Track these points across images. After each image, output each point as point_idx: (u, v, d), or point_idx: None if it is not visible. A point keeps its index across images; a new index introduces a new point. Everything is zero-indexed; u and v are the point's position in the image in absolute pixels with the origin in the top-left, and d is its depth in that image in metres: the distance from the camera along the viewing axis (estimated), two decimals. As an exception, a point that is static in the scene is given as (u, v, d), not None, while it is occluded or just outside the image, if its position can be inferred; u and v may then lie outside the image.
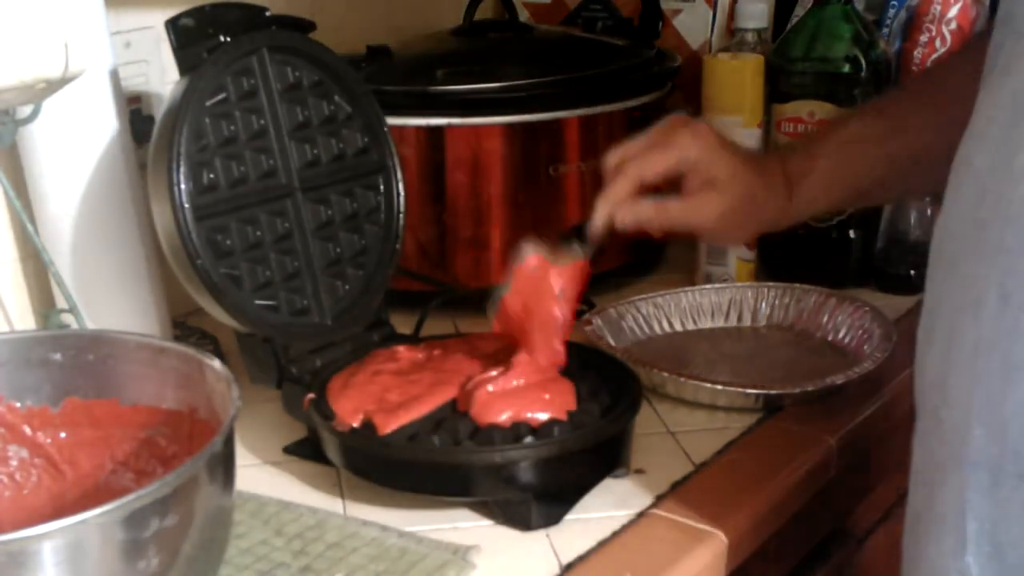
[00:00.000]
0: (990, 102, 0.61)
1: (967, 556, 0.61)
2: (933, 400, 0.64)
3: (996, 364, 0.58)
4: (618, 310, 1.04)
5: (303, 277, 0.88)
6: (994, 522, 0.60)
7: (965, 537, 0.61)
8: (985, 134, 0.61)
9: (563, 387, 0.80)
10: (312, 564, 0.71)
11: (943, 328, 0.63)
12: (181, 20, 0.82)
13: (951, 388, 0.62)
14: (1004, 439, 0.58)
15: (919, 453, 0.67)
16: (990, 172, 0.59)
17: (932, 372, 0.64)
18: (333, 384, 0.82)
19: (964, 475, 0.60)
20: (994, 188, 0.59)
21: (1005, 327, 0.58)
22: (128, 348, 0.74)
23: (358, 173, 0.92)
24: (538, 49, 1.18)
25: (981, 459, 0.60)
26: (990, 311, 0.58)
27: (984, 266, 0.59)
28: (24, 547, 0.53)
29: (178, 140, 0.80)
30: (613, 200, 0.82)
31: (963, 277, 0.61)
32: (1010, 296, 0.57)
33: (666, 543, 0.74)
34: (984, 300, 0.58)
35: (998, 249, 0.58)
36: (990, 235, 0.58)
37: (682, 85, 1.21)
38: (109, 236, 0.91)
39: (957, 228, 0.62)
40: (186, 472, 0.58)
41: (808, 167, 0.87)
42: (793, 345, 1.03)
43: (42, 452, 0.74)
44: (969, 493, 0.60)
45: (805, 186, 0.87)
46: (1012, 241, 0.57)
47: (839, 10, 1.11)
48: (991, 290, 0.58)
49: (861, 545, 1.01)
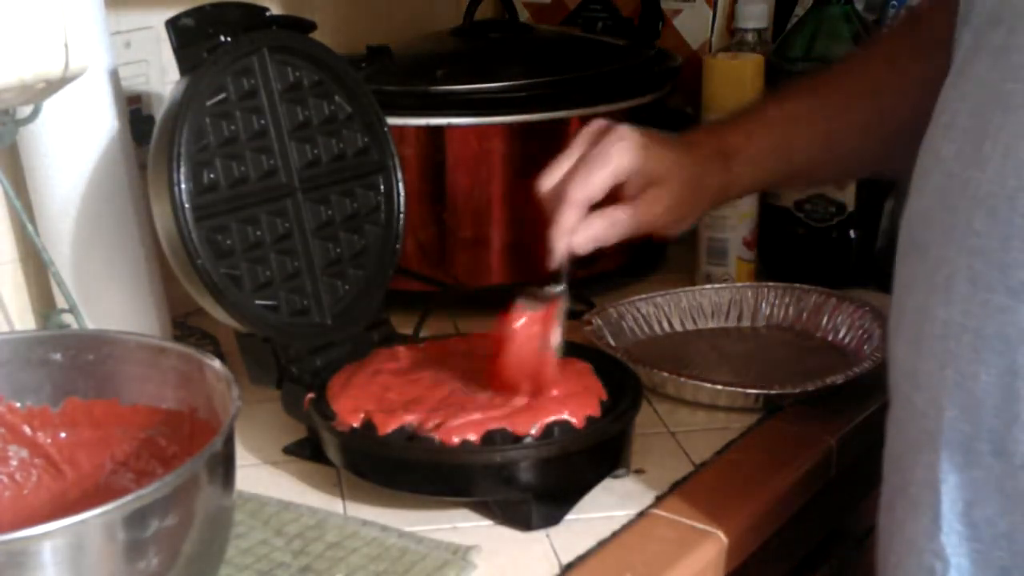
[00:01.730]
0: (955, 94, 0.63)
1: (941, 536, 0.62)
2: (904, 386, 0.65)
3: (967, 344, 0.59)
4: (618, 310, 1.04)
5: (303, 277, 0.88)
6: (968, 502, 0.61)
7: (939, 517, 0.62)
8: (952, 124, 0.62)
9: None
10: (312, 564, 0.71)
11: (912, 314, 0.64)
12: (181, 20, 0.82)
13: (921, 372, 0.63)
14: (977, 417, 0.59)
15: (892, 439, 0.68)
16: (957, 159, 0.61)
17: (902, 358, 0.66)
18: (333, 384, 0.82)
19: (938, 455, 0.62)
20: (962, 174, 0.60)
21: (975, 308, 0.59)
22: (128, 348, 0.74)
23: (358, 173, 0.92)
24: (538, 49, 1.18)
25: (954, 438, 0.61)
26: (960, 293, 0.60)
27: (953, 250, 0.60)
28: (24, 547, 0.53)
29: (178, 140, 0.80)
30: (567, 230, 0.79)
31: (932, 261, 0.62)
32: (979, 277, 0.59)
33: (666, 543, 0.74)
34: (954, 282, 0.60)
35: (967, 232, 0.59)
36: (958, 219, 0.60)
37: (682, 85, 1.21)
38: (109, 236, 0.91)
39: (926, 215, 0.64)
40: (186, 472, 0.58)
41: (743, 143, 0.87)
42: (793, 345, 1.03)
43: (42, 452, 0.74)
44: (943, 473, 0.61)
45: (741, 160, 0.87)
46: (980, 224, 0.59)
47: (839, 10, 1.11)
48: (960, 272, 0.59)
49: (861, 545, 1.01)
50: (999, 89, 0.59)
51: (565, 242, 0.79)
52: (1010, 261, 0.57)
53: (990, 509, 0.60)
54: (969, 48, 0.63)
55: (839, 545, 0.97)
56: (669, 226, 0.85)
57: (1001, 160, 0.58)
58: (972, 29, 0.63)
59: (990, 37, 0.61)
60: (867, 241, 1.15)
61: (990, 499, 0.60)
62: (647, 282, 1.17)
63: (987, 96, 0.60)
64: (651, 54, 1.19)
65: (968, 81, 0.62)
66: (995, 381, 0.58)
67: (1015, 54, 0.58)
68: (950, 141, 0.62)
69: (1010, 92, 0.58)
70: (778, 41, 1.17)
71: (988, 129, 0.59)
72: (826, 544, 0.95)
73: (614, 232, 0.81)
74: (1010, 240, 0.57)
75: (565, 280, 0.80)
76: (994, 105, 0.59)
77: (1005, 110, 0.58)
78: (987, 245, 0.58)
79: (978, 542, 0.61)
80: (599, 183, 0.79)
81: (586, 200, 0.79)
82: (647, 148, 0.82)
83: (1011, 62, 0.58)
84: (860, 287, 1.12)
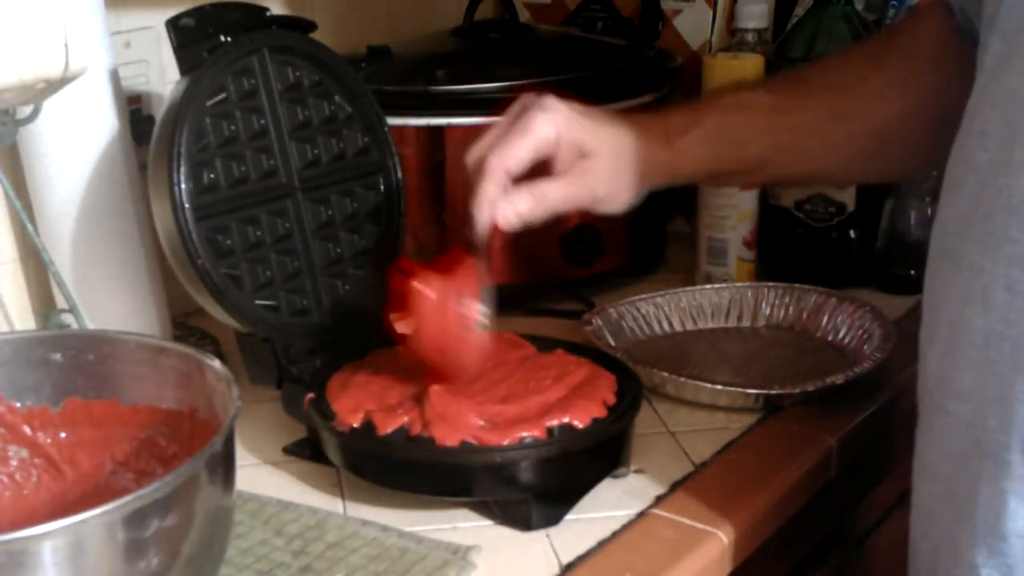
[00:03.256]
0: (985, 101, 0.62)
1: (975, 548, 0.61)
2: (938, 396, 0.64)
3: (1007, 353, 0.59)
4: (618, 310, 1.04)
5: (303, 277, 0.88)
6: (997, 514, 0.60)
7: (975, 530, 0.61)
8: (985, 131, 0.61)
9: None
10: (312, 564, 0.71)
11: (946, 324, 0.63)
12: (181, 20, 0.82)
13: (959, 381, 0.62)
14: (1011, 427, 0.59)
15: (928, 449, 0.67)
16: (991, 167, 0.60)
17: (936, 367, 0.65)
18: (333, 384, 0.82)
19: (977, 466, 0.61)
20: (995, 182, 0.59)
21: (1013, 316, 0.58)
22: (128, 348, 0.74)
23: (358, 173, 0.92)
24: (538, 49, 1.18)
25: (990, 448, 0.60)
26: (998, 302, 0.59)
27: (989, 259, 0.59)
28: (24, 547, 0.53)
29: (178, 140, 0.80)
30: (487, 201, 0.76)
31: (967, 270, 0.61)
32: (1016, 285, 0.58)
33: (666, 543, 0.74)
34: (991, 291, 0.59)
35: (1003, 240, 0.58)
36: (994, 227, 0.59)
37: (682, 85, 1.21)
38: (109, 236, 0.91)
39: (959, 224, 0.63)
40: (186, 472, 0.58)
41: (689, 123, 0.84)
42: (793, 345, 1.03)
43: (42, 452, 0.74)
44: (980, 484, 0.61)
45: (686, 140, 0.84)
46: (1016, 232, 0.58)
47: (839, 10, 1.11)
48: (998, 281, 0.59)
49: (861, 545, 1.01)
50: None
51: (487, 214, 0.77)
52: None
53: (1021, 521, 0.60)
54: (999, 55, 0.62)
55: (839, 545, 0.97)
56: (602, 201, 0.82)
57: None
58: (1001, 34, 0.62)
59: (1021, 43, 0.60)
60: (867, 241, 1.15)
61: (1020, 510, 0.59)
62: (647, 282, 1.17)
63: (1019, 103, 0.59)
64: (651, 54, 1.19)
65: (1000, 88, 0.61)
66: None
67: None
68: (983, 149, 0.61)
69: None
70: (778, 41, 1.17)
71: (1020, 136, 0.58)
72: (826, 544, 0.95)
73: (541, 207, 0.78)
74: None
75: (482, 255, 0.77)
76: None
77: None
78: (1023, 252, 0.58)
79: (1007, 555, 0.60)
80: (519, 153, 0.77)
81: (503, 169, 0.77)
82: (576, 120, 0.79)
83: None
84: (860, 287, 1.12)
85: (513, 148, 0.77)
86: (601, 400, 0.78)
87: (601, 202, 0.82)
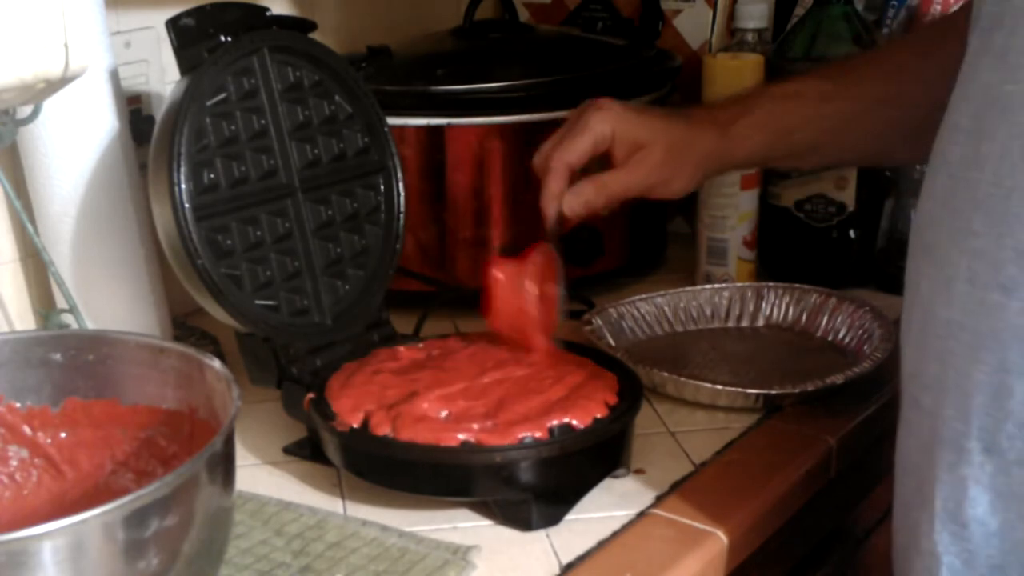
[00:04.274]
0: (961, 95, 0.63)
1: (935, 535, 0.63)
2: (911, 388, 0.66)
3: (965, 343, 0.60)
4: (618, 310, 1.04)
5: (303, 277, 0.88)
6: (958, 500, 0.61)
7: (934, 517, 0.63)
8: (958, 126, 0.63)
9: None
10: (312, 564, 0.71)
11: (918, 315, 0.65)
12: (181, 20, 0.82)
13: (926, 373, 0.64)
14: (969, 415, 0.60)
15: (904, 442, 0.68)
16: (961, 161, 0.62)
17: (910, 360, 0.66)
18: (333, 384, 0.82)
19: (936, 454, 0.62)
20: (964, 175, 0.61)
21: (972, 306, 0.60)
22: (128, 348, 0.74)
23: (358, 173, 0.92)
24: (538, 49, 1.18)
25: (948, 437, 0.62)
26: (960, 293, 0.60)
27: (955, 251, 0.61)
28: (24, 547, 0.53)
29: (178, 140, 0.80)
30: (554, 195, 0.87)
31: (936, 263, 0.63)
32: (977, 277, 0.59)
33: (666, 543, 0.74)
34: (954, 283, 0.61)
35: (967, 234, 0.60)
36: (960, 221, 0.61)
37: (682, 85, 1.21)
38: (109, 236, 0.91)
39: (932, 217, 0.64)
40: (186, 472, 0.58)
41: (740, 113, 0.91)
42: (793, 345, 1.03)
43: (42, 452, 0.74)
44: (939, 471, 0.62)
45: (736, 128, 0.90)
46: (979, 225, 0.59)
47: (839, 10, 1.11)
48: (961, 273, 0.60)
49: (861, 545, 1.01)
50: (999, 91, 0.59)
51: (554, 206, 0.87)
52: (1002, 258, 0.58)
53: (981, 508, 0.61)
54: (975, 51, 0.63)
55: (839, 545, 0.97)
56: (658, 188, 0.90)
57: (998, 160, 0.58)
58: (979, 31, 0.63)
59: (993, 39, 0.61)
60: (867, 241, 1.15)
61: (980, 497, 0.61)
62: (647, 282, 1.17)
63: (988, 98, 0.60)
64: (651, 54, 1.20)
65: (972, 83, 0.62)
66: (987, 379, 0.59)
67: (1014, 56, 0.59)
68: (955, 143, 0.62)
69: (1009, 93, 0.58)
70: (778, 41, 1.17)
71: (987, 130, 0.60)
72: (826, 544, 0.95)
73: (604, 194, 0.88)
74: (1003, 238, 0.58)
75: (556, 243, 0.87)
76: (994, 106, 0.59)
77: (1003, 111, 0.59)
78: (984, 245, 0.59)
79: (968, 541, 0.61)
80: (579, 148, 0.87)
81: (566, 163, 0.87)
82: (629, 117, 0.88)
83: (1009, 63, 0.59)
84: (860, 287, 1.12)
85: (573, 145, 0.87)
86: (602, 400, 0.78)
87: (656, 188, 0.90)
